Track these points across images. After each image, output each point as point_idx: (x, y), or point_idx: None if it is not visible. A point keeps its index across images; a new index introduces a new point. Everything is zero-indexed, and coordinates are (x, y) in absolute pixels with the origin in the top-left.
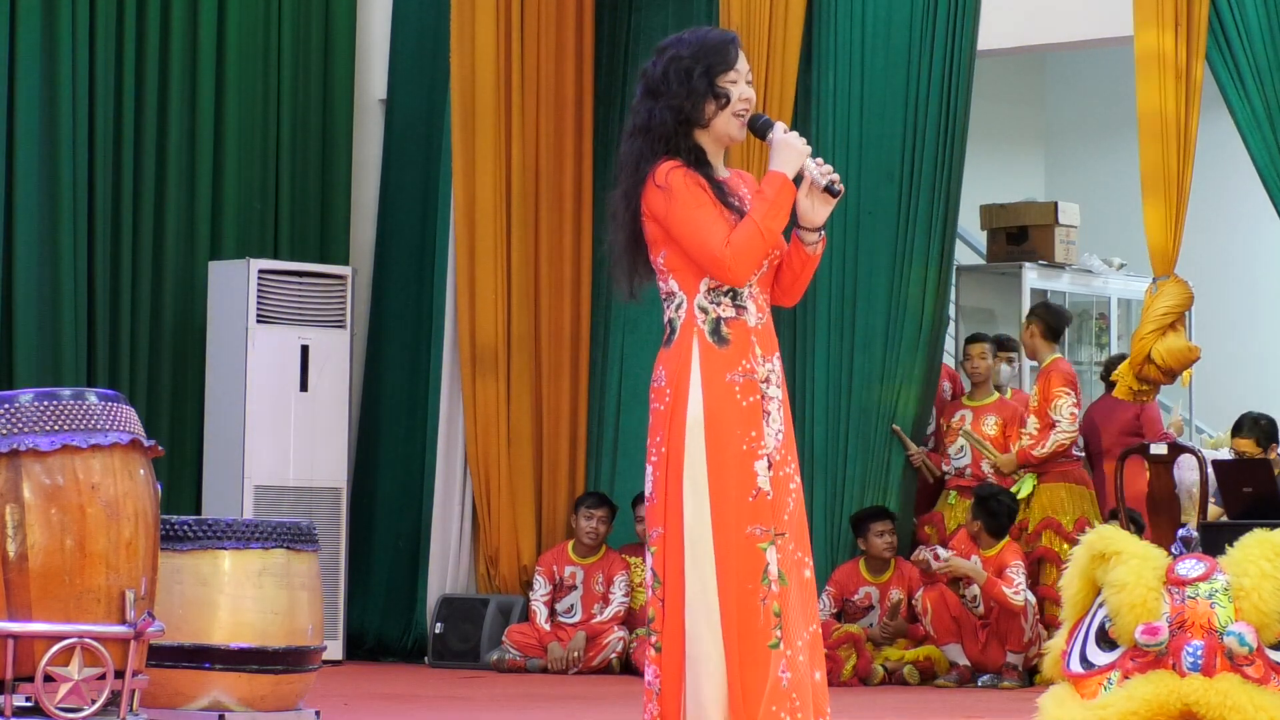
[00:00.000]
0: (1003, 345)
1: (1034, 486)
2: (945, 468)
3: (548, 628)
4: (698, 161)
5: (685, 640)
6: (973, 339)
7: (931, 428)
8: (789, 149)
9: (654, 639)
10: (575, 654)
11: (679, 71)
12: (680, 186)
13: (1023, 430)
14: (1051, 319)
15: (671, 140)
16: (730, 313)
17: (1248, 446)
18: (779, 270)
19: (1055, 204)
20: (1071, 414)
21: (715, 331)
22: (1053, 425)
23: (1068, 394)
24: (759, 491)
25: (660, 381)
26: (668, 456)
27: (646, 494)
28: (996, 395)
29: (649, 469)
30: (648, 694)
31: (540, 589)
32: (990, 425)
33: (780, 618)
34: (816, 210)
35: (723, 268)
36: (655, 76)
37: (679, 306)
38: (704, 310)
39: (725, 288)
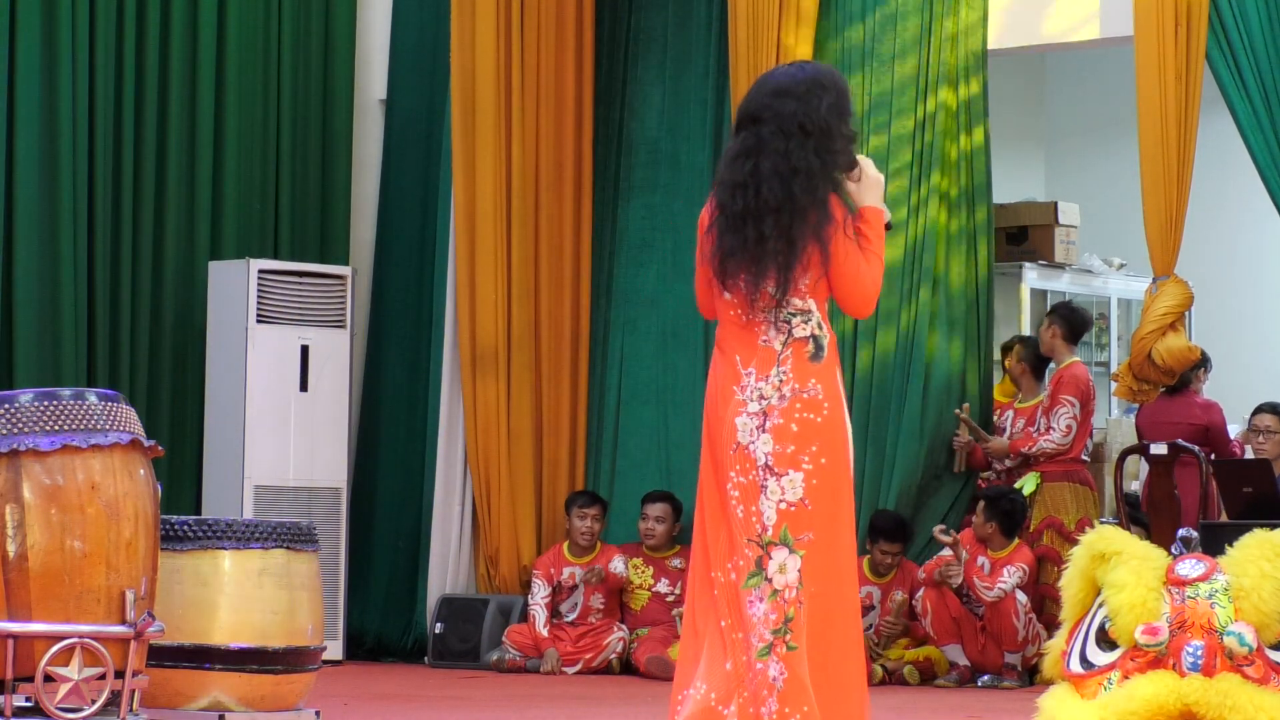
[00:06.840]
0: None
1: (1038, 485)
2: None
3: (545, 633)
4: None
5: (827, 649)
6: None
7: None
8: (877, 186)
9: (788, 638)
10: (551, 666)
11: (840, 117)
12: (849, 232)
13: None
14: (1075, 321)
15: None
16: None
17: (1271, 422)
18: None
19: (1055, 204)
20: (1068, 426)
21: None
22: (1050, 429)
23: (1071, 404)
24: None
25: (818, 394)
26: (828, 468)
27: (789, 500)
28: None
29: (797, 476)
30: (769, 689)
31: (539, 592)
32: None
33: None
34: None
35: (871, 306)
36: (821, 117)
37: (820, 324)
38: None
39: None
